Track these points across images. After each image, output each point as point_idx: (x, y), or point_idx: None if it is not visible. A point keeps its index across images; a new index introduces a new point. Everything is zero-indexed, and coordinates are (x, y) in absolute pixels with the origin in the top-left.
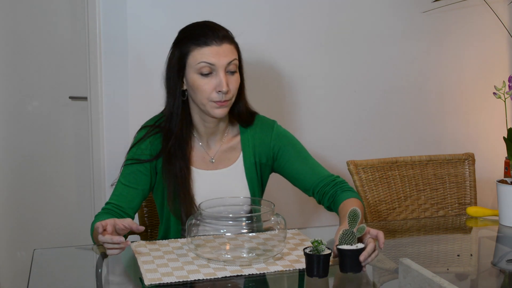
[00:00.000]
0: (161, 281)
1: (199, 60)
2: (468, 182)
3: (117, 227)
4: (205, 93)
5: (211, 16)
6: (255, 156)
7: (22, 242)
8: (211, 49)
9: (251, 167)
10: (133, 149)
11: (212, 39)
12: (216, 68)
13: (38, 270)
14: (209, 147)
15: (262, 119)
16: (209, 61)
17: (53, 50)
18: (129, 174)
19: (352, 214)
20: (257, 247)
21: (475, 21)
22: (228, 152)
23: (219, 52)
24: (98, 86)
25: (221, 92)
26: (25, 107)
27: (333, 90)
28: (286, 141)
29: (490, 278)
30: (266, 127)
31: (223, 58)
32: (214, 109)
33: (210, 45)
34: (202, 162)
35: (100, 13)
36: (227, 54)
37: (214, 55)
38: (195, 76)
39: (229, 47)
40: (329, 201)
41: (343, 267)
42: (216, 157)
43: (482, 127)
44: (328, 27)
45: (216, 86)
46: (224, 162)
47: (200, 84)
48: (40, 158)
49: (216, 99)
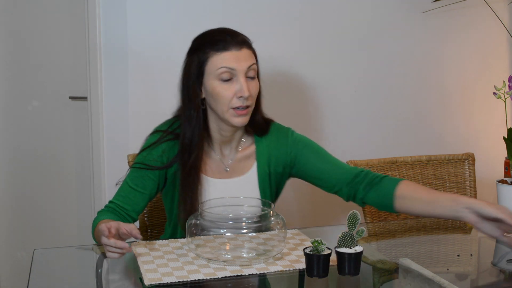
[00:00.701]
0: (161, 281)
1: (220, 65)
2: (468, 182)
3: (121, 231)
4: (225, 99)
5: (210, 15)
6: (270, 166)
7: (22, 242)
8: (231, 54)
9: (264, 177)
10: (143, 153)
11: (232, 44)
12: (237, 73)
13: (38, 270)
14: (224, 156)
15: (278, 127)
16: (229, 66)
17: (53, 50)
18: (137, 178)
19: (352, 217)
20: (257, 247)
21: (475, 21)
22: (242, 161)
23: (239, 56)
24: (98, 86)
25: (242, 97)
26: (25, 107)
27: (333, 90)
28: (302, 145)
29: (490, 278)
30: (281, 135)
31: (243, 63)
32: (234, 118)
33: (230, 50)
34: (216, 171)
35: (100, 13)
36: (247, 58)
37: (235, 60)
38: (215, 83)
39: (248, 52)
40: (365, 190)
41: (341, 270)
42: (230, 166)
43: (482, 127)
44: (327, 27)
45: (237, 91)
46: (238, 171)
47: (220, 91)
48: (40, 158)
49: (237, 104)
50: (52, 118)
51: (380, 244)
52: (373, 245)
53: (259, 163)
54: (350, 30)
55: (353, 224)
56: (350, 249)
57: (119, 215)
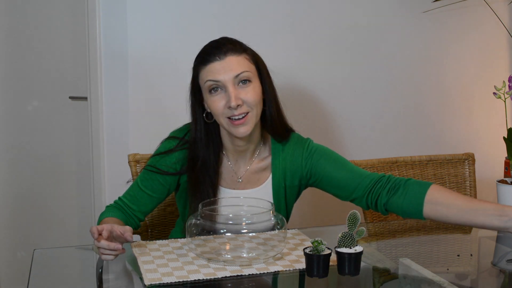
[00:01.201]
0: (161, 281)
1: (205, 79)
2: (468, 182)
3: (114, 233)
4: (218, 111)
5: (209, 17)
6: (285, 179)
7: (22, 242)
8: (213, 66)
9: (279, 190)
10: (157, 157)
11: (215, 55)
12: (223, 84)
13: (38, 270)
14: (238, 166)
15: (297, 139)
16: (213, 78)
17: (53, 50)
18: (147, 180)
19: (352, 217)
20: (257, 247)
21: (475, 21)
22: (257, 173)
23: (223, 66)
24: (98, 86)
25: (231, 107)
26: (25, 107)
27: (333, 90)
28: (318, 156)
29: (490, 278)
30: (298, 148)
31: (228, 72)
32: (233, 128)
33: (213, 62)
34: (229, 182)
35: (100, 13)
36: (232, 67)
37: (218, 71)
38: (207, 96)
39: (235, 59)
40: (388, 195)
41: (341, 270)
42: (244, 177)
43: (482, 127)
44: (327, 27)
45: (227, 102)
46: (252, 183)
47: (212, 104)
48: (40, 158)
49: (229, 115)
50: (52, 118)
51: (380, 244)
52: (373, 245)
53: (274, 176)
54: (350, 30)
55: (353, 224)
56: (350, 249)
57: (125, 214)
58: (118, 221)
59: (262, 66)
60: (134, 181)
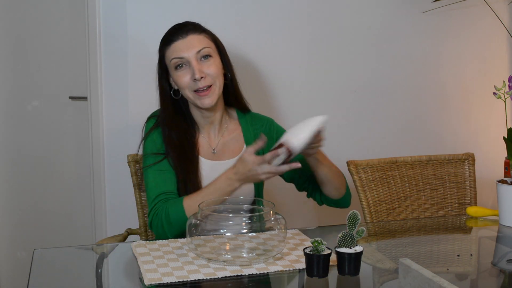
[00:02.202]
0: (161, 281)
1: (171, 57)
2: (468, 182)
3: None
4: (185, 84)
5: (210, 15)
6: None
7: (22, 242)
8: (177, 44)
9: None
10: (150, 144)
11: (178, 35)
12: (187, 59)
13: (38, 270)
14: (210, 138)
15: (260, 116)
16: (178, 56)
17: (53, 50)
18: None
19: (352, 217)
20: (257, 247)
21: (475, 21)
22: (231, 144)
23: (186, 44)
24: (98, 86)
25: (196, 80)
26: (25, 107)
27: (333, 90)
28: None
29: (490, 278)
30: (265, 122)
31: (191, 49)
32: (199, 100)
33: (176, 41)
34: (206, 153)
35: (100, 13)
36: (194, 44)
37: (181, 49)
38: (173, 73)
39: (196, 37)
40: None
41: (341, 270)
42: (217, 148)
43: (482, 127)
44: (327, 27)
45: (191, 75)
46: (228, 154)
47: (178, 79)
48: (40, 158)
49: (195, 87)
50: (52, 118)
51: (380, 244)
52: (373, 245)
53: (248, 144)
54: (350, 30)
55: (353, 224)
56: (350, 249)
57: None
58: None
59: (220, 44)
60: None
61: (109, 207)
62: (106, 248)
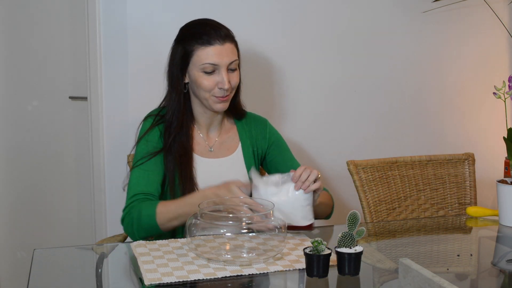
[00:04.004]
0: (161, 281)
1: (204, 61)
2: (468, 182)
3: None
4: (207, 89)
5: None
6: (253, 146)
7: (22, 242)
8: (214, 49)
9: (249, 156)
10: (143, 145)
11: (215, 38)
12: (219, 67)
13: (38, 270)
14: (208, 137)
15: (255, 115)
16: (212, 62)
17: (53, 50)
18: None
19: (352, 217)
20: (257, 247)
21: (475, 21)
22: (227, 143)
23: (222, 52)
24: (98, 86)
25: (222, 89)
26: (25, 107)
27: (333, 90)
28: (276, 141)
29: (490, 278)
30: (260, 122)
31: (225, 58)
32: (215, 104)
33: (214, 45)
34: (203, 151)
35: (100, 13)
36: (229, 54)
37: (217, 55)
38: (198, 74)
39: (230, 47)
40: None
41: (341, 270)
42: (214, 146)
43: (482, 127)
44: (328, 27)
45: (218, 83)
46: (224, 152)
47: (203, 81)
48: (40, 158)
49: (218, 94)
50: (52, 118)
51: (380, 244)
52: (373, 245)
53: (243, 143)
54: (350, 30)
55: (353, 224)
56: (350, 249)
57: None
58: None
59: (240, 56)
60: (130, 180)
61: (109, 207)
62: (106, 248)
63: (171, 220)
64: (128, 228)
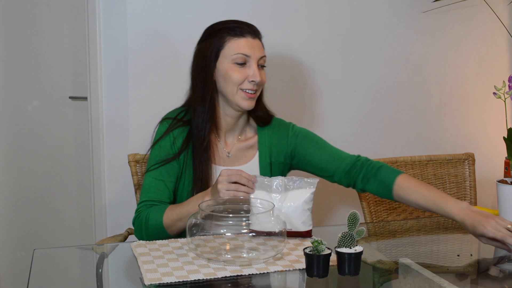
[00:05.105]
0: (161, 281)
1: (236, 51)
2: (468, 182)
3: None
4: (237, 81)
5: (211, 17)
6: (271, 156)
7: (22, 242)
8: (247, 41)
9: (265, 167)
10: (156, 151)
11: (248, 31)
12: (250, 59)
13: (38, 270)
14: (226, 142)
15: (279, 121)
16: (245, 52)
17: (53, 50)
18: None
19: (352, 217)
20: (257, 247)
21: (475, 21)
22: (244, 150)
23: (254, 45)
24: (98, 86)
25: (253, 81)
26: (25, 107)
27: (333, 90)
28: (302, 137)
29: (490, 278)
30: (282, 128)
31: (257, 51)
32: (242, 100)
33: (246, 37)
34: (219, 158)
35: (100, 13)
36: (260, 48)
37: (250, 47)
38: (229, 65)
39: (260, 43)
40: (363, 182)
41: (341, 270)
42: (232, 152)
43: (482, 127)
44: (327, 27)
45: (249, 76)
46: (240, 160)
47: (233, 73)
48: (40, 158)
49: (248, 87)
50: (52, 118)
51: (380, 244)
52: (373, 245)
53: (261, 152)
54: (350, 30)
55: (353, 224)
56: (350, 249)
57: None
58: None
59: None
60: (144, 184)
61: (109, 207)
62: (106, 248)
63: (176, 221)
64: (138, 232)
